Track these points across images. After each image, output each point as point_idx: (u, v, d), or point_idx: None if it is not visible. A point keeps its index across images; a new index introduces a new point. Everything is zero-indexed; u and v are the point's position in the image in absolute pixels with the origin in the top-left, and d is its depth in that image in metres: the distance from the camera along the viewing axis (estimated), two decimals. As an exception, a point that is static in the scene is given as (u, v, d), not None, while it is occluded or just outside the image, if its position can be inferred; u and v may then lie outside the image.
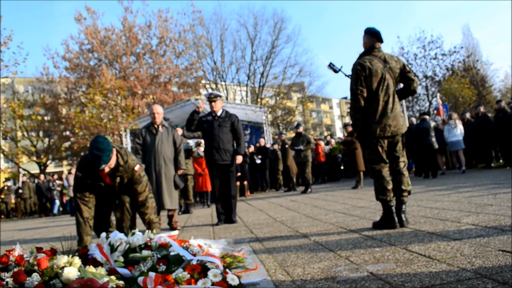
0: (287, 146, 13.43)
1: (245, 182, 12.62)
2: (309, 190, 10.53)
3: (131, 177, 3.90)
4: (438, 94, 18.23)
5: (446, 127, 11.67)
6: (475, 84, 29.48)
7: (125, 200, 4.15)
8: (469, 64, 30.68)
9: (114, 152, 3.69)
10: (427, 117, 11.06)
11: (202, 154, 9.14)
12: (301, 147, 10.79)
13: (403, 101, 17.39)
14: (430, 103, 30.17)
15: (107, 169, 3.66)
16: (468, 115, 12.94)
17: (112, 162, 3.66)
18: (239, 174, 11.27)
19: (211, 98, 5.71)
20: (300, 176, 11.30)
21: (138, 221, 4.58)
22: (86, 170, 3.76)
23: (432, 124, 11.16)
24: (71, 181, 15.68)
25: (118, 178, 3.85)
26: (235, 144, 5.84)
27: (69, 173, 16.63)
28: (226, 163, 5.66)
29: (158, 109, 5.85)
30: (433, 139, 10.68)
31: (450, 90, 27.40)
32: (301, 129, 11.20)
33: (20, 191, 18.80)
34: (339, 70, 4.21)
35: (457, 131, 11.40)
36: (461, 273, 1.97)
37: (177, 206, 5.91)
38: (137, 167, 3.91)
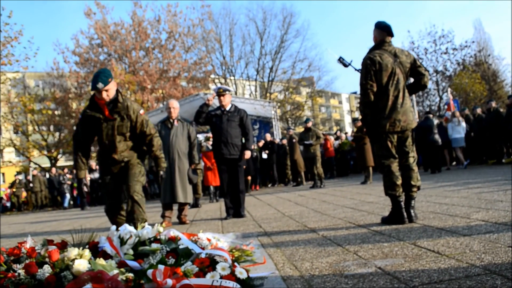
0: (294, 140, 13.43)
1: (249, 177, 12.59)
2: (322, 185, 10.49)
3: (136, 122, 4.15)
4: (449, 89, 18.08)
5: (450, 124, 11.98)
6: (487, 79, 29.15)
7: (134, 192, 4.19)
8: (481, 59, 30.31)
9: (114, 84, 3.99)
10: (430, 115, 11.50)
11: (211, 147, 9.17)
12: (311, 141, 10.77)
13: (413, 96, 17.28)
14: (441, 98, 29.91)
15: (105, 95, 3.90)
16: (479, 110, 12.83)
17: (111, 91, 3.94)
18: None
19: (220, 92, 5.73)
20: (309, 171, 11.27)
21: (148, 214, 4.61)
22: (89, 108, 4.08)
23: (436, 121, 11.58)
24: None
25: (117, 115, 4.05)
26: (243, 139, 5.85)
27: (91, 169, 16.76)
28: (234, 157, 5.67)
29: (174, 104, 5.94)
30: (437, 136, 11.11)
31: (461, 85, 27.14)
32: (310, 124, 11.18)
33: (31, 184, 19.00)
34: (349, 64, 4.19)
35: (460, 128, 11.78)
36: (470, 269, 1.97)
37: (191, 200, 5.97)
38: (141, 111, 4.19)
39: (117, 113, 4.06)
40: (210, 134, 9.42)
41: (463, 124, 11.88)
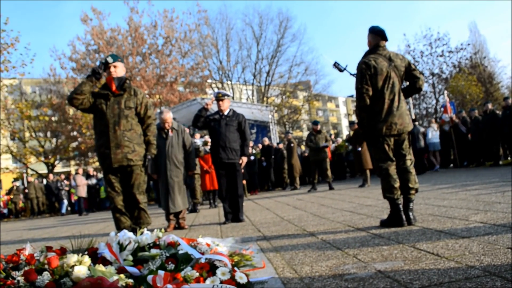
0: (292, 145, 13.43)
1: (244, 182, 12.56)
2: (332, 187, 10.42)
3: (142, 102, 4.55)
4: (445, 92, 18.10)
5: (429, 130, 13.60)
6: (483, 81, 29.23)
7: (140, 203, 4.50)
8: (477, 61, 30.41)
9: (123, 67, 4.57)
10: (416, 123, 12.83)
11: (209, 150, 9.18)
12: (326, 144, 10.68)
13: (410, 99, 17.39)
14: (437, 100, 29.99)
15: (113, 70, 4.44)
16: (476, 112, 12.88)
17: (119, 69, 4.51)
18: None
19: (219, 97, 5.75)
20: (320, 174, 11.11)
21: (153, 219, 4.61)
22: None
23: (421, 129, 13.50)
24: (79, 181, 15.79)
25: (123, 92, 4.48)
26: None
27: (76, 173, 16.74)
28: (232, 161, 5.68)
29: (167, 115, 5.90)
30: (421, 142, 12.97)
31: (457, 87, 27.21)
32: (319, 127, 11.01)
33: (26, 191, 18.93)
34: (344, 69, 4.21)
35: (437, 134, 13.63)
36: (470, 271, 1.97)
37: (186, 205, 5.98)
38: (147, 96, 4.41)
39: (124, 90, 4.50)
40: (208, 138, 9.41)
41: (437, 132, 13.66)
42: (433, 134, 13.53)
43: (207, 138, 9.48)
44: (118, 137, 4.33)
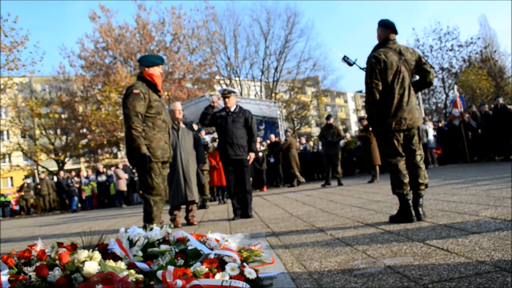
0: (287, 140, 13.67)
1: (250, 179, 12.57)
2: (341, 183, 10.38)
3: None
4: (455, 86, 17.96)
5: (428, 129, 14.18)
6: (493, 76, 28.94)
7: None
8: (487, 55, 30.11)
9: None
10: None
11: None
12: (331, 139, 10.63)
13: (419, 94, 17.29)
14: (447, 95, 29.77)
15: (161, 70, 4.52)
16: (486, 107, 12.76)
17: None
18: None
19: (225, 94, 5.76)
20: (332, 170, 11.05)
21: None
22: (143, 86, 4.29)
23: (425, 127, 13.96)
24: (121, 174, 16.35)
25: (163, 91, 4.41)
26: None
27: (117, 167, 17.02)
28: (240, 158, 5.69)
29: (178, 106, 6.04)
30: (425, 139, 13.56)
31: (467, 82, 26.98)
32: (331, 121, 10.90)
33: (38, 187, 19.12)
34: (354, 63, 4.18)
35: (431, 133, 14.24)
36: (480, 266, 1.96)
37: (198, 199, 6.08)
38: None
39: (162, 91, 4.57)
40: (216, 135, 9.44)
41: (432, 130, 14.45)
42: (429, 132, 14.08)
43: (215, 134, 9.51)
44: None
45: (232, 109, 5.80)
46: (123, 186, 16.41)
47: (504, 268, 1.88)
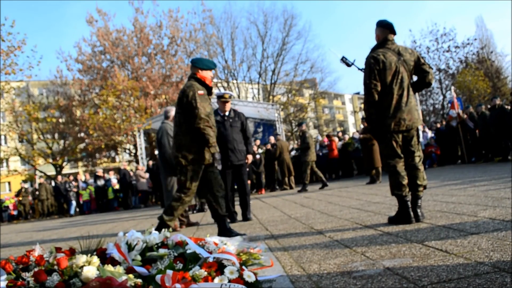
0: (275, 147, 13.69)
1: (249, 182, 12.58)
2: (304, 189, 10.49)
3: None
4: (452, 87, 18.01)
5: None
6: (490, 76, 29.04)
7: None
8: (483, 56, 30.22)
9: None
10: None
11: None
12: (292, 147, 10.85)
13: (417, 95, 17.34)
14: (444, 96, 29.83)
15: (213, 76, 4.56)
16: (483, 107, 12.80)
17: None
18: None
19: (226, 99, 5.70)
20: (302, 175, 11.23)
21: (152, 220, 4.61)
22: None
23: (420, 128, 14.43)
24: (143, 174, 16.22)
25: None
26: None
27: (137, 168, 17.16)
28: (241, 163, 5.68)
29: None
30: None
31: (464, 82, 27.07)
32: (303, 127, 11.16)
33: (37, 192, 19.08)
34: (352, 63, 4.18)
35: (421, 135, 14.31)
36: (479, 267, 1.96)
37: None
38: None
39: None
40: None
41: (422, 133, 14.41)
42: (423, 135, 14.46)
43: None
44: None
45: (227, 113, 5.75)
46: (144, 186, 16.45)
47: (503, 269, 1.88)
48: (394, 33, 3.78)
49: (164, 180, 5.88)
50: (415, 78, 3.90)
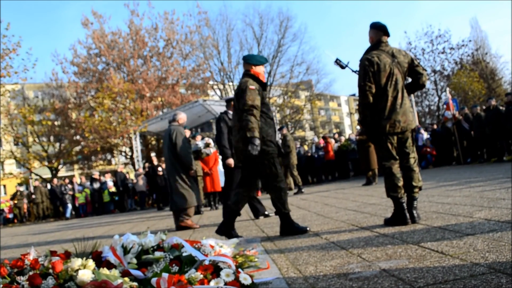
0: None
1: None
2: (300, 191, 10.50)
3: None
4: (448, 89, 18.09)
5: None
6: (485, 78, 29.19)
7: None
8: (478, 57, 30.38)
9: None
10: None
11: (210, 153, 9.19)
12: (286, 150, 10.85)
13: (412, 96, 17.40)
14: (439, 97, 29.95)
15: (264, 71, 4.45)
16: (478, 109, 12.85)
17: None
18: None
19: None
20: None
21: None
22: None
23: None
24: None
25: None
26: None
27: (137, 171, 16.90)
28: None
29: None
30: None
31: (459, 84, 27.19)
32: (283, 131, 11.25)
33: (33, 196, 19.00)
34: (346, 65, 4.18)
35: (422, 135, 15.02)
36: (475, 268, 1.96)
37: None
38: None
39: None
40: (209, 140, 9.43)
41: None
42: (418, 137, 14.77)
43: (208, 140, 9.49)
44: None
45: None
46: (143, 187, 16.42)
47: (499, 270, 1.88)
48: (388, 35, 3.79)
49: (173, 182, 5.84)
50: (409, 80, 3.92)
